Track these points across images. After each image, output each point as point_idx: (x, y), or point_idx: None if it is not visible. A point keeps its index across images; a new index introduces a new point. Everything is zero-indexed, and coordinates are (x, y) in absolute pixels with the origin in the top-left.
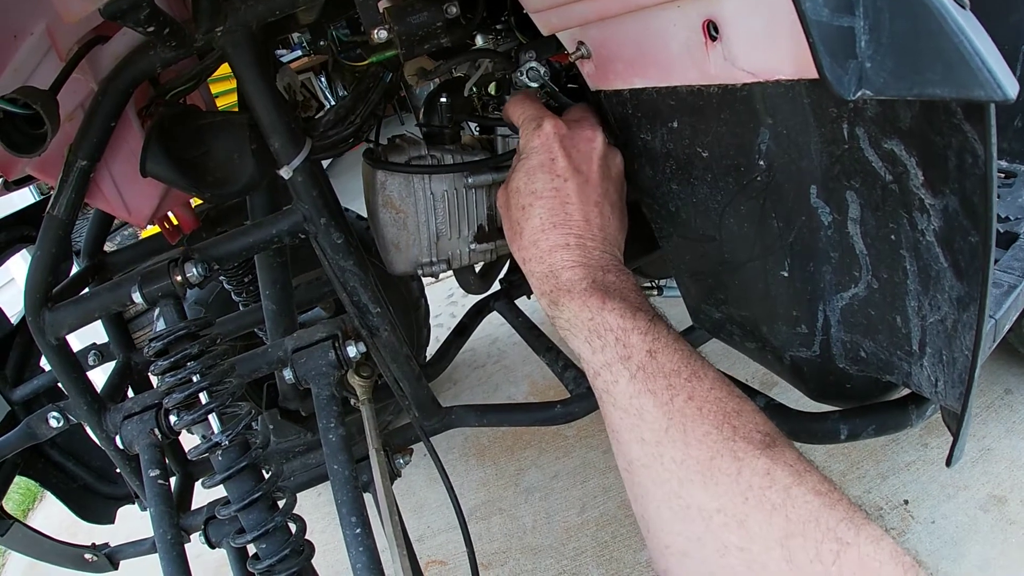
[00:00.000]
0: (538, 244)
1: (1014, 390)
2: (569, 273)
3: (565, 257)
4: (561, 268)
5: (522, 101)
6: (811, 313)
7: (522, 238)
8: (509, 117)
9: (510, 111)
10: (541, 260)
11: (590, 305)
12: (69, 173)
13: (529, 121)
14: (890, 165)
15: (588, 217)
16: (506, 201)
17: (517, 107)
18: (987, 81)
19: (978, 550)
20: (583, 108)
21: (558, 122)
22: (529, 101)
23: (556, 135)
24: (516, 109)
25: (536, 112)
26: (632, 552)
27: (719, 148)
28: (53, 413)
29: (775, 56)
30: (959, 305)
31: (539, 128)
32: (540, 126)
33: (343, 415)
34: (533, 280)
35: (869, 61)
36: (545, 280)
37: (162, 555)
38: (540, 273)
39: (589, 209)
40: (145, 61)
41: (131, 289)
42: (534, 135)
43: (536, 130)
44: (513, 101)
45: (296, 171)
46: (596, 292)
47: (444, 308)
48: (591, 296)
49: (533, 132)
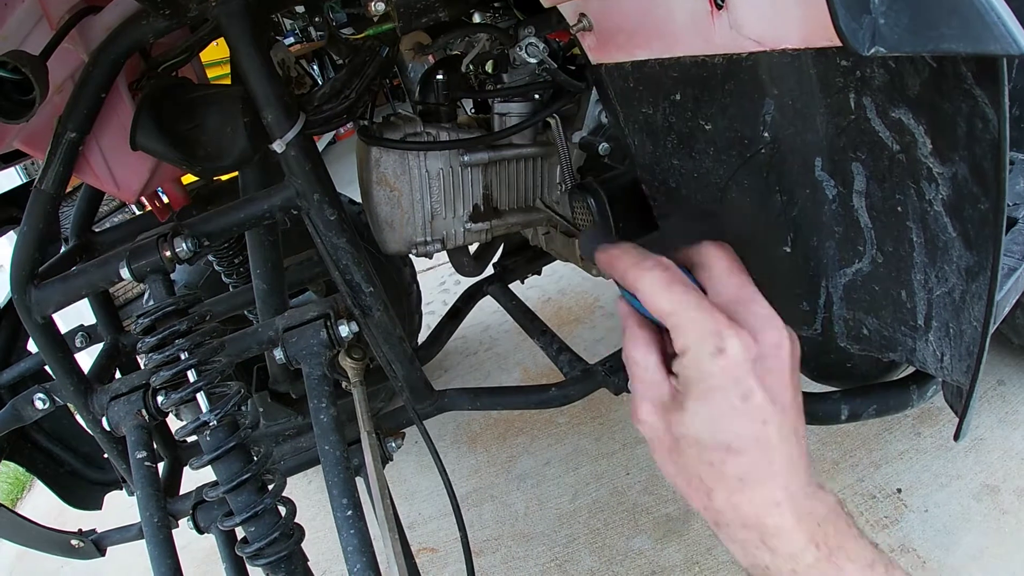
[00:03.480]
0: (739, 508)
1: (1007, 381)
2: (777, 520)
3: (775, 516)
4: (771, 528)
5: (674, 289)
6: (813, 290)
7: (712, 500)
8: (656, 306)
9: (656, 298)
10: (745, 526)
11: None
12: (58, 145)
13: (705, 339)
14: (897, 135)
15: (791, 457)
16: (674, 446)
17: (670, 300)
18: (1003, 35)
19: (971, 539)
20: (733, 273)
21: (746, 339)
22: (685, 292)
23: (748, 361)
24: (671, 304)
25: (711, 322)
26: (624, 539)
27: (723, 120)
28: (39, 394)
29: (782, 24)
30: (968, 275)
31: (723, 352)
32: (724, 349)
33: (334, 395)
34: (726, 537)
35: (883, 17)
36: (748, 537)
37: (149, 539)
38: (742, 539)
39: (791, 447)
40: (137, 31)
41: (119, 265)
42: (715, 361)
43: (719, 355)
44: (653, 281)
45: (289, 145)
46: (819, 545)
47: (436, 296)
48: (812, 546)
49: (714, 358)
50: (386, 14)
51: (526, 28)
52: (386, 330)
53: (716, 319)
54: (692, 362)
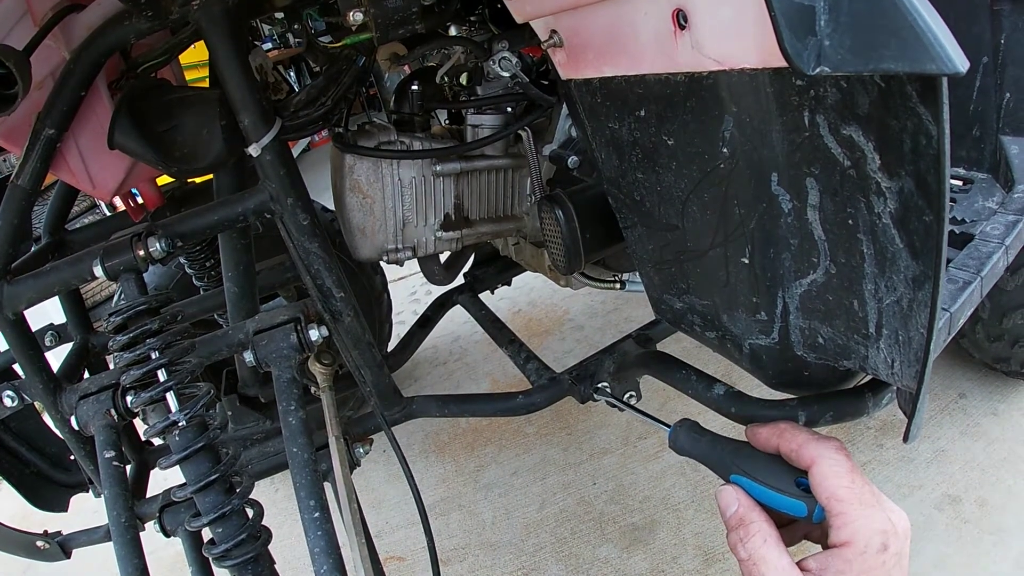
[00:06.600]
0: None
1: (968, 394)
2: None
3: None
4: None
5: (854, 478)
6: (771, 300)
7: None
8: (831, 490)
9: (835, 481)
10: None
11: None
12: (36, 141)
13: (874, 535)
14: (848, 151)
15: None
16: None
17: (849, 488)
18: (938, 56)
19: (933, 548)
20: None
21: (901, 537)
22: (863, 483)
23: (897, 554)
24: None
25: (880, 520)
26: (591, 548)
27: (684, 136)
28: (8, 392)
29: (741, 45)
30: (914, 284)
31: (887, 549)
32: (887, 546)
33: (304, 399)
34: None
35: (828, 39)
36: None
37: (116, 539)
38: None
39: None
40: (119, 31)
41: (93, 263)
42: (879, 556)
43: (883, 551)
44: (836, 464)
45: (265, 149)
46: None
47: (407, 305)
48: None
49: (879, 554)
50: (364, 24)
51: (500, 43)
52: (356, 335)
53: (883, 516)
54: (854, 554)
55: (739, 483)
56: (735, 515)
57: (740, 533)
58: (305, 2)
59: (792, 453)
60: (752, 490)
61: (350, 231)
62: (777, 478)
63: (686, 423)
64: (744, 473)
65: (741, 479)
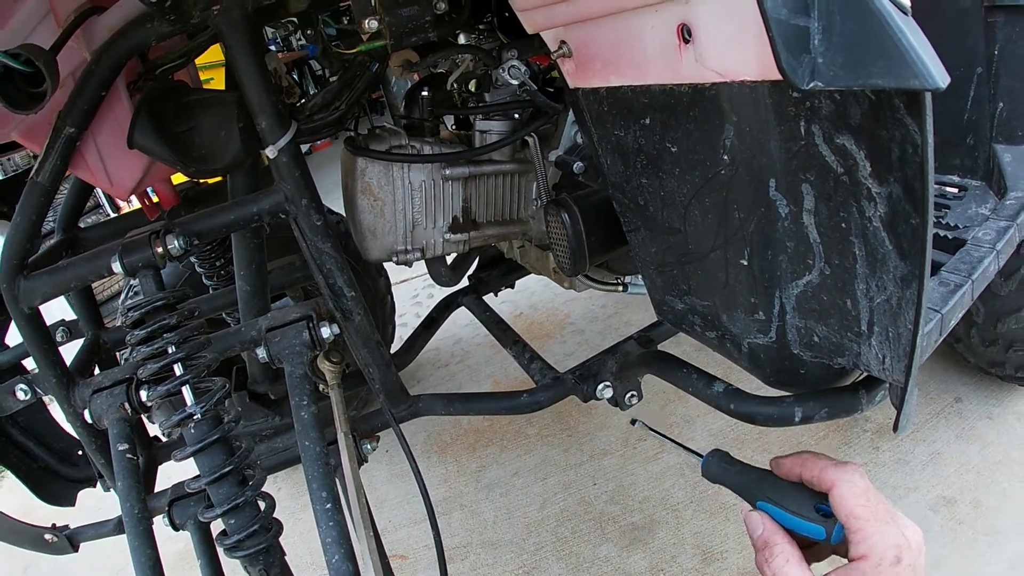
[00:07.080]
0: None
1: (963, 398)
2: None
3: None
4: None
5: (871, 497)
6: (768, 300)
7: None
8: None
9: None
10: None
11: None
12: (56, 139)
13: (888, 549)
14: (841, 158)
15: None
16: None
17: (866, 507)
18: (921, 73)
19: (928, 549)
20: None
21: (914, 551)
22: (878, 501)
23: (911, 566)
24: (866, 510)
25: (894, 535)
26: (591, 547)
27: (687, 143)
28: (21, 385)
29: (742, 59)
30: (903, 283)
31: (900, 562)
32: (901, 559)
33: (315, 393)
34: None
35: (821, 57)
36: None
37: (129, 531)
38: None
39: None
40: (140, 34)
41: (112, 259)
42: (892, 569)
43: (896, 564)
44: (854, 484)
45: (281, 151)
46: None
47: (409, 308)
48: None
49: (892, 567)
50: (378, 32)
51: (509, 51)
52: (365, 334)
53: (897, 532)
54: (870, 567)
55: (765, 509)
56: (760, 537)
57: (765, 554)
58: (319, 8)
59: (814, 479)
60: (776, 515)
61: (361, 232)
62: (799, 504)
63: (717, 453)
64: (769, 500)
65: (766, 505)
